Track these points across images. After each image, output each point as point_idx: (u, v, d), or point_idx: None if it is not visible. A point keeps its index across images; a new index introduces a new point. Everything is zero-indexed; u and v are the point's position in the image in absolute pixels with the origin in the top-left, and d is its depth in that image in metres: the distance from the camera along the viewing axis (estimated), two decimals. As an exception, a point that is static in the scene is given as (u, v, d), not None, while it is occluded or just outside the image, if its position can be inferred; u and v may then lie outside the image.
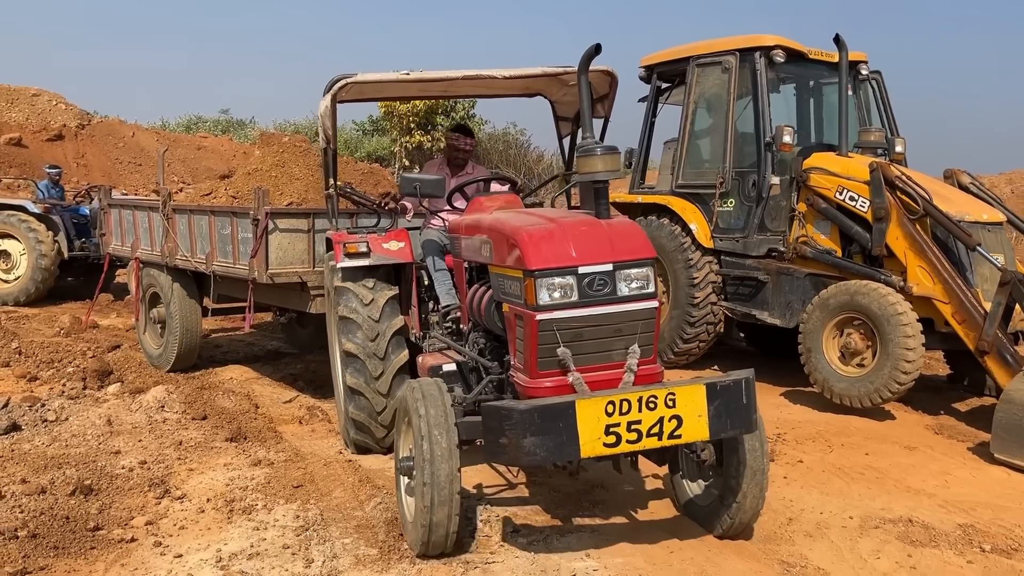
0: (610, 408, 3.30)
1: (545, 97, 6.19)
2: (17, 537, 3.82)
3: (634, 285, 3.66)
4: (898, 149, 7.88)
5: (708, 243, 7.74)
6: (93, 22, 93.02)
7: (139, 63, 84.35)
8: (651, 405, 3.33)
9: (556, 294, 3.59)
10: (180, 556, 3.78)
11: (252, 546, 3.85)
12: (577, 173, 4.02)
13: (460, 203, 5.42)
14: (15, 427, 5.88)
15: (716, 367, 8.22)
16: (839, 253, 7.10)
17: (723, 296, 7.80)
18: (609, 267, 3.62)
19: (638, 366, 3.65)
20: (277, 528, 4.06)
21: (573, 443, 3.27)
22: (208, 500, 4.50)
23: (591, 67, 4.12)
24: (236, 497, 4.51)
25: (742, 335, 9.30)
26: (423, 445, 3.50)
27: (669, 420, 3.36)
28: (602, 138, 5.31)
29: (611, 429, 3.30)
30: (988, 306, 6.10)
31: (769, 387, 7.47)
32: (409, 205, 5.93)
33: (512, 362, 3.90)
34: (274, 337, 9.82)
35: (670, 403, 3.36)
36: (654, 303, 3.72)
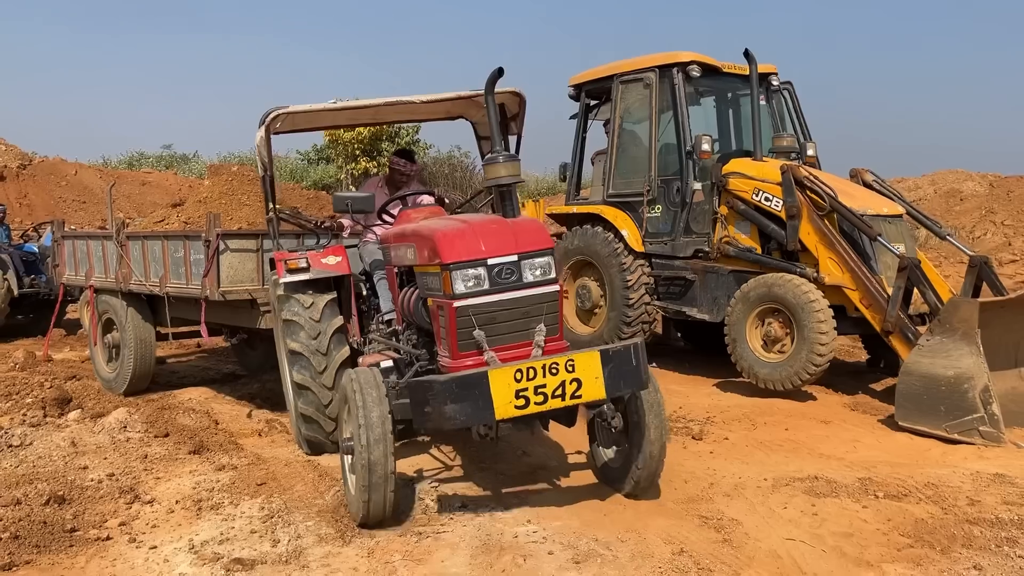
0: (518, 376, 3.81)
1: (467, 119, 6.68)
2: (1, 539, 4.10)
3: (538, 272, 4.21)
4: (810, 152, 8.52)
5: (639, 247, 8.26)
6: (25, 63, 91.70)
7: (76, 102, 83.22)
8: (554, 371, 3.85)
9: (470, 283, 4.12)
10: (155, 548, 4.10)
11: (222, 534, 4.19)
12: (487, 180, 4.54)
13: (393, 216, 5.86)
14: (-19, 453, 6.09)
15: (655, 364, 8.70)
16: (759, 250, 7.66)
17: (656, 296, 8.30)
18: (515, 258, 4.17)
19: (545, 342, 4.18)
20: (244, 519, 4.40)
21: (488, 407, 3.77)
22: (177, 502, 4.80)
23: (502, 89, 4.62)
24: (203, 497, 4.82)
25: (679, 334, 9.88)
26: (361, 433, 3.96)
27: (570, 383, 3.87)
28: (516, 151, 5.87)
29: (520, 393, 3.80)
30: (891, 291, 6.70)
31: (703, 379, 7.99)
32: (347, 223, 6.34)
33: (438, 349, 4.39)
34: (229, 361, 10.07)
35: (570, 368, 3.87)
36: (556, 287, 4.28)
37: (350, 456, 4.23)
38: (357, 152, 27.94)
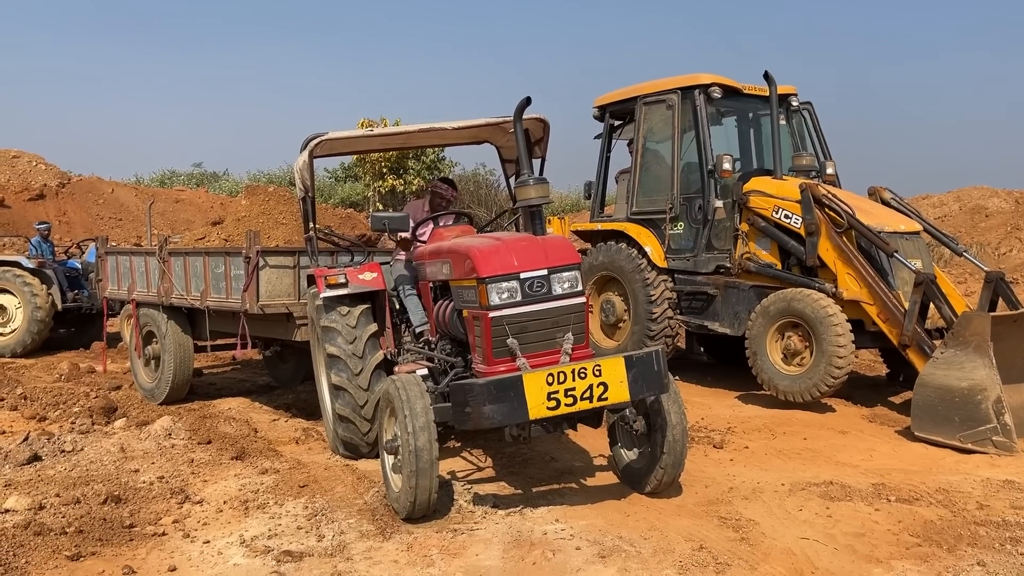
0: (550, 379, 4.13)
1: (492, 144, 7.01)
2: (67, 533, 4.43)
3: (566, 285, 4.54)
4: (829, 171, 8.74)
5: (662, 263, 8.51)
6: (59, 81, 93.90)
7: (109, 120, 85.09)
8: (582, 375, 4.17)
9: (504, 295, 4.46)
10: (208, 542, 4.40)
11: (270, 530, 4.48)
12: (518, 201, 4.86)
13: (426, 237, 6.18)
14: (36, 457, 6.42)
15: (677, 377, 8.91)
16: (779, 266, 7.88)
17: (678, 311, 8.53)
18: (544, 272, 4.50)
19: (572, 350, 4.48)
20: (290, 517, 4.69)
21: (523, 408, 4.10)
22: (225, 502, 5.10)
23: (528, 115, 4.93)
24: (249, 498, 5.12)
25: (702, 349, 10.08)
26: (407, 422, 4.26)
27: (597, 386, 4.20)
28: (540, 174, 6.18)
29: (552, 395, 4.13)
30: (908, 305, 6.89)
31: (725, 391, 8.21)
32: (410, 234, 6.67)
33: (473, 357, 4.72)
34: (264, 373, 10.41)
35: (597, 373, 4.20)
36: (582, 299, 4.60)
37: (393, 456, 4.53)
38: (384, 170, 28.52)
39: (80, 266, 12.99)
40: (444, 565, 3.91)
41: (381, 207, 28.03)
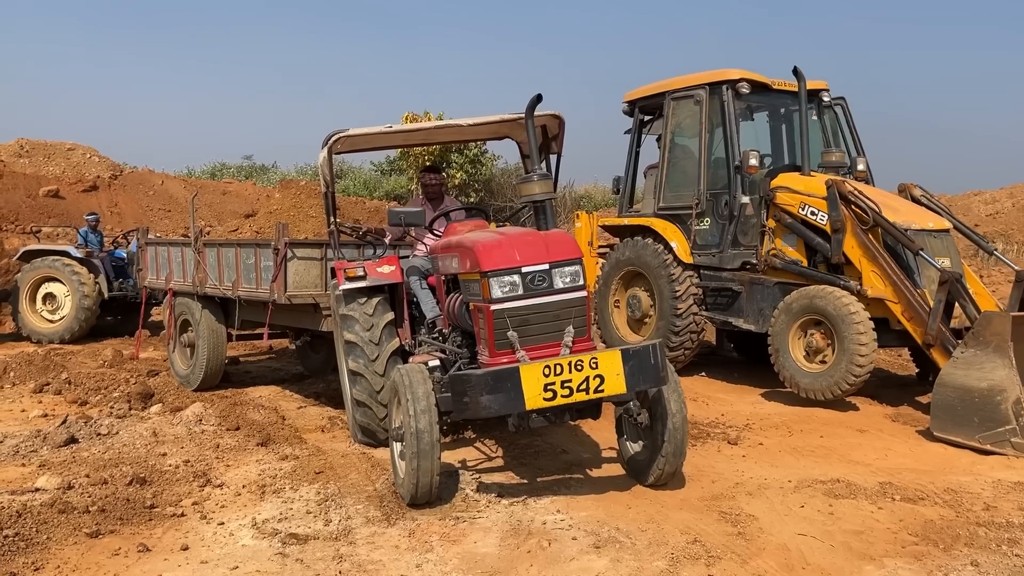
0: (547, 371, 4.21)
1: (512, 139, 7.10)
2: (89, 511, 4.64)
3: (567, 280, 4.61)
4: (860, 167, 8.64)
5: (688, 259, 8.50)
6: (118, 74, 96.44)
7: (163, 112, 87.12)
8: (579, 367, 4.24)
9: (506, 289, 4.55)
10: (222, 524, 4.57)
11: (281, 514, 4.64)
12: (522, 196, 4.95)
13: (441, 229, 6.31)
14: (73, 440, 6.70)
15: (703, 373, 8.94)
16: (805, 263, 7.82)
17: (703, 307, 8.53)
18: (546, 266, 4.58)
19: (573, 343, 4.55)
20: (302, 501, 4.85)
21: (519, 398, 4.19)
22: (244, 486, 5.28)
23: (544, 112, 5.00)
24: (267, 483, 5.30)
25: (731, 345, 10.06)
26: (408, 406, 4.40)
27: (594, 378, 4.25)
28: (557, 170, 6.26)
29: (548, 387, 4.21)
30: (932, 304, 6.80)
31: (750, 388, 8.19)
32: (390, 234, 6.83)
33: (479, 349, 4.83)
34: (297, 363, 10.66)
35: (593, 365, 4.26)
36: (583, 293, 4.66)
37: (399, 443, 4.67)
38: (427, 163, 28.71)
39: (126, 256, 13.39)
40: (442, 551, 4.03)
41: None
